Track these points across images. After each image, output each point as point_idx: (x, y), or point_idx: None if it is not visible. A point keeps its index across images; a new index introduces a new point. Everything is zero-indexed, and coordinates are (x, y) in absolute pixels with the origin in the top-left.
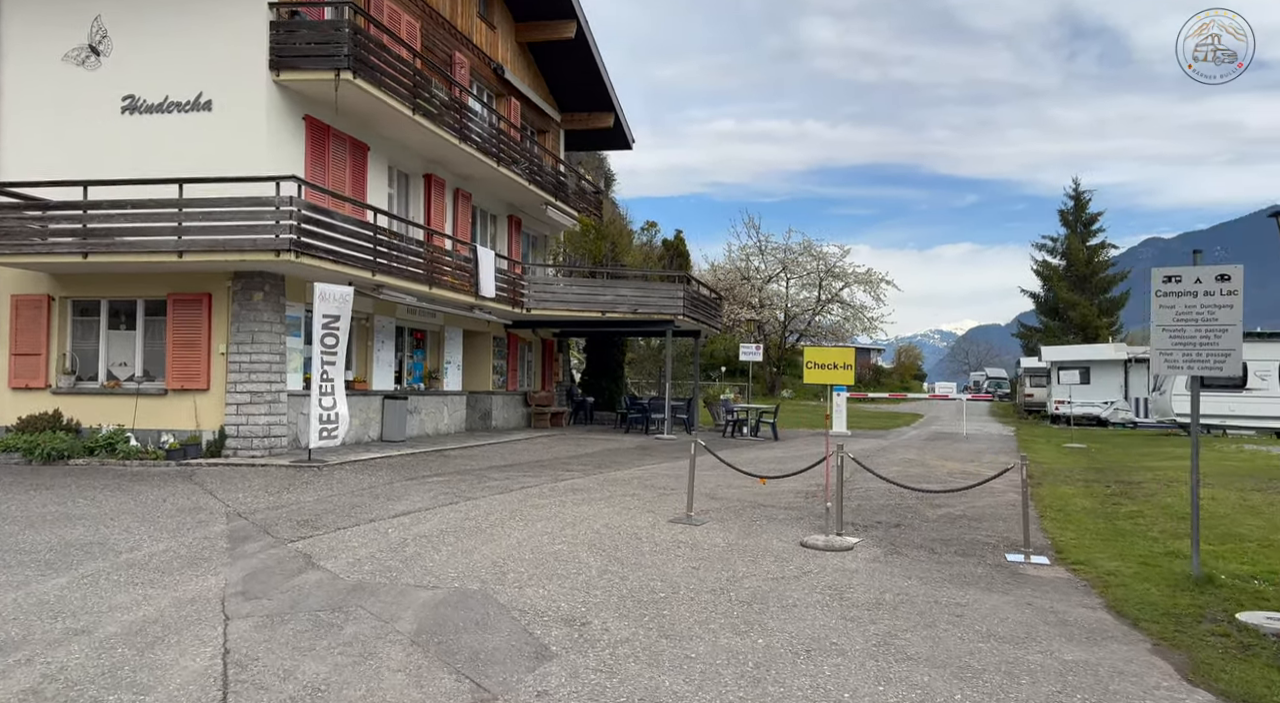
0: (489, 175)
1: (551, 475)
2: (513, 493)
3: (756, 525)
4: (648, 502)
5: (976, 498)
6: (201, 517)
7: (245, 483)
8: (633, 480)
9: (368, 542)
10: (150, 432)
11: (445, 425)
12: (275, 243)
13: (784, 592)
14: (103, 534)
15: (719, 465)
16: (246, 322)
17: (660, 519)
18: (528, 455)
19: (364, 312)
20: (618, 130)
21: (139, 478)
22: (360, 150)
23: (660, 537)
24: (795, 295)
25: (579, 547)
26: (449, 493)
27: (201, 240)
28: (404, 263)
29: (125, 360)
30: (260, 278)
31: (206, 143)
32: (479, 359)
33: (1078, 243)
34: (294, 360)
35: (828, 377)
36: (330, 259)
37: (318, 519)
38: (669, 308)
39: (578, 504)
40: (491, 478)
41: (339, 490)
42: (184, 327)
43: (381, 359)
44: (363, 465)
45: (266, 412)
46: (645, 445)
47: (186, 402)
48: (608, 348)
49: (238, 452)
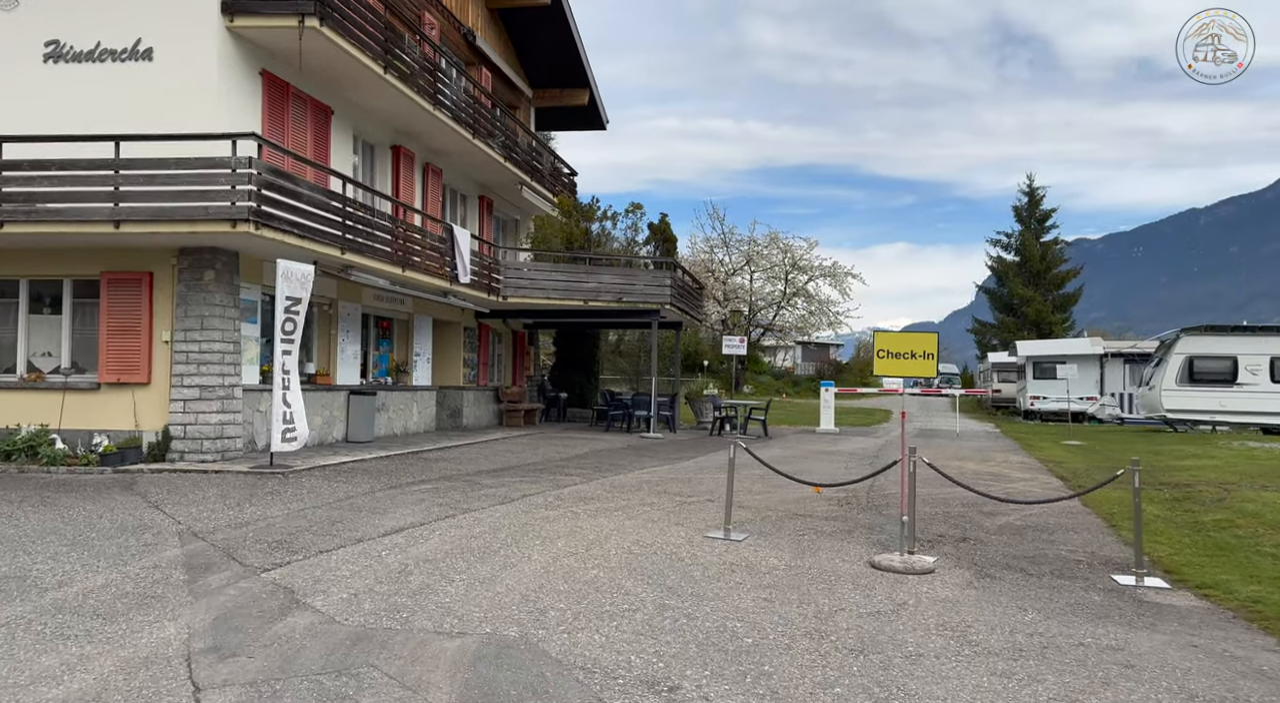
0: (462, 149)
1: (550, 481)
2: (514, 503)
3: (806, 541)
4: (669, 512)
5: (1027, 504)
6: (148, 538)
7: (198, 493)
8: (641, 486)
9: (361, 569)
10: (80, 433)
11: (414, 424)
12: (231, 212)
13: (895, 634)
14: (22, 564)
15: (725, 467)
16: (195, 305)
17: (694, 534)
18: (514, 458)
19: (327, 296)
20: (592, 108)
21: (67, 488)
22: (323, 114)
23: (705, 557)
24: (760, 289)
25: (618, 572)
26: (442, 504)
27: (143, 209)
28: (374, 240)
29: (50, 350)
30: (211, 254)
31: (146, 98)
32: (449, 352)
33: (1032, 239)
34: (249, 350)
35: (904, 368)
36: (295, 233)
37: (293, 540)
38: (655, 297)
39: (593, 516)
40: (485, 485)
41: (311, 502)
42: (121, 310)
43: (346, 351)
44: (333, 471)
45: (219, 409)
46: (635, 446)
47: (124, 398)
48: (580, 341)
49: (185, 455)
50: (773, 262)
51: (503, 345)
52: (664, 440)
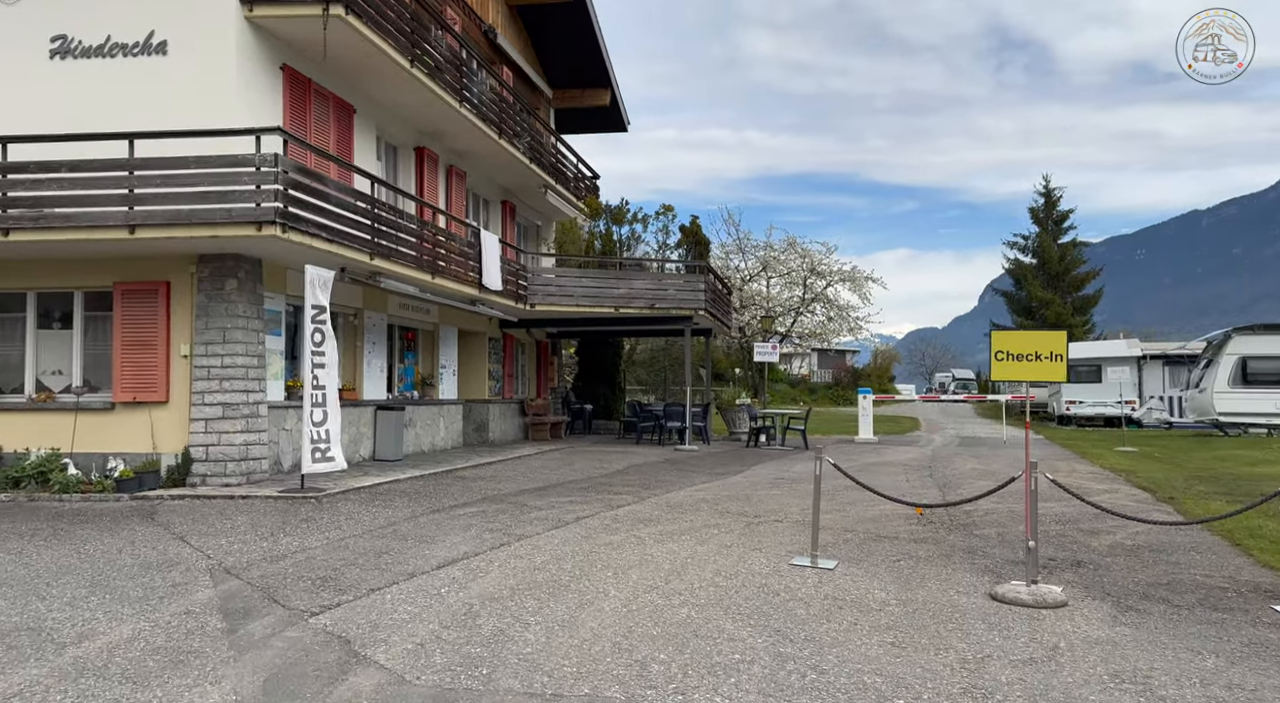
0: (487, 151)
1: (600, 501)
2: (569, 527)
3: (905, 569)
4: (740, 535)
5: (1112, 519)
6: (176, 577)
7: (225, 522)
8: (699, 506)
9: (421, 611)
10: (94, 456)
11: (441, 440)
12: (256, 213)
13: (1068, 689)
14: (36, 613)
15: (779, 483)
16: (216, 316)
17: (777, 561)
18: (553, 476)
19: (352, 306)
20: (614, 109)
21: (82, 519)
22: (346, 112)
23: (801, 590)
24: (777, 295)
25: (711, 611)
26: (493, 530)
27: (160, 212)
28: (403, 245)
29: (60, 368)
30: (233, 261)
31: (160, 96)
32: (474, 363)
33: (1049, 241)
34: (273, 364)
35: (1027, 372)
36: (323, 237)
37: (338, 576)
38: (689, 302)
39: (660, 541)
40: (533, 507)
41: (351, 530)
42: (136, 324)
43: (372, 363)
44: (369, 494)
45: (243, 429)
46: (673, 460)
47: (140, 418)
48: (603, 350)
49: (207, 479)
50: (790, 267)
51: (526, 356)
52: (700, 454)
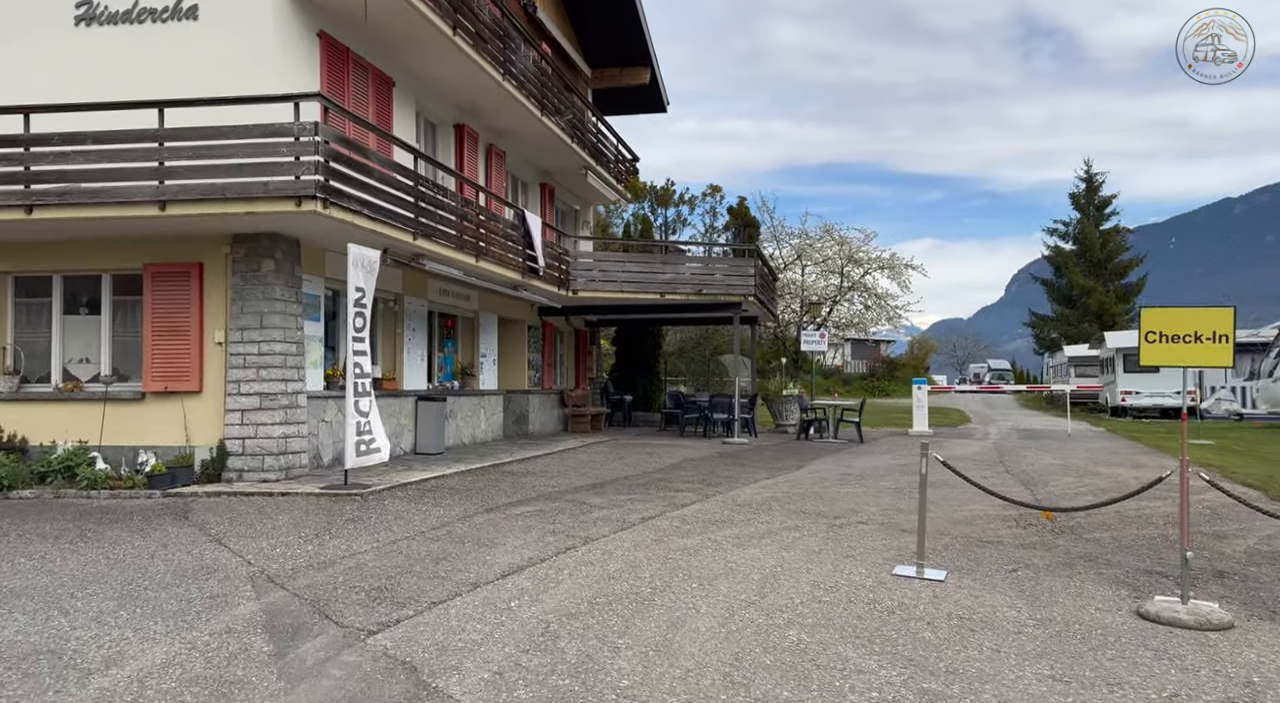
0: (528, 129)
1: (663, 500)
2: (636, 529)
3: (1026, 581)
4: (824, 538)
5: (1236, 520)
6: (215, 586)
7: (265, 523)
8: (769, 504)
9: (492, 629)
10: (124, 450)
11: (482, 432)
12: (295, 187)
13: None
14: (58, 630)
15: (848, 479)
16: (252, 300)
17: (877, 570)
18: (605, 471)
19: (391, 291)
20: (653, 88)
21: (111, 517)
22: (385, 85)
23: (918, 607)
24: (812, 284)
25: (824, 633)
26: (555, 532)
27: (192, 186)
28: (447, 225)
29: (88, 355)
30: (270, 241)
31: (190, 65)
32: (514, 353)
33: (1091, 227)
34: (312, 352)
35: (1186, 356)
36: (365, 214)
37: (395, 586)
38: (738, 288)
39: (740, 546)
40: (593, 506)
41: (402, 531)
42: (167, 308)
43: (413, 352)
44: (416, 491)
45: (281, 420)
46: (725, 454)
47: (172, 408)
48: (641, 339)
49: (243, 474)
50: (825, 255)
51: (564, 345)
52: (751, 447)
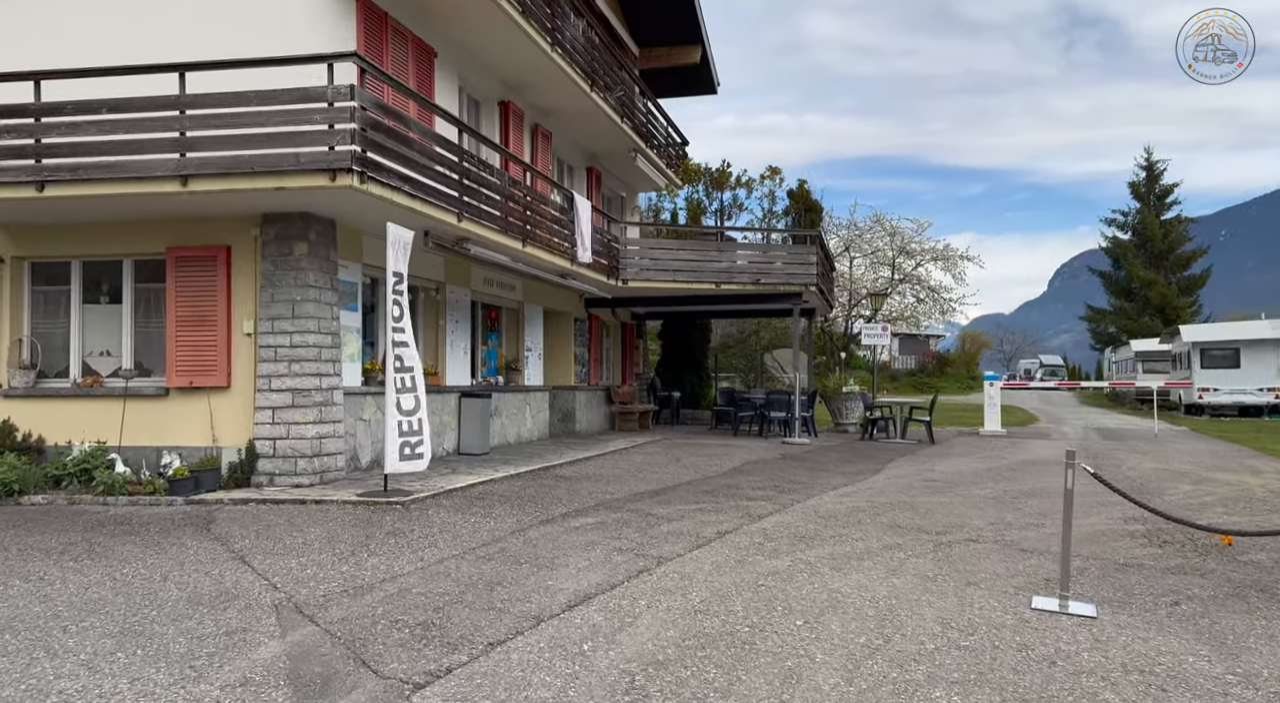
0: (576, 107)
1: (735, 510)
2: (714, 546)
3: (1194, 616)
4: (935, 560)
5: None
6: (233, 619)
7: (296, 536)
8: (857, 516)
9: (566, 684)
10: (145, 450)
11: (528, 431)
12: (329, 158)
13: None
14: (39, 680)
15: (931, 484)
16: (284, 287)
17: (1013, 603)
18: (664, 475)
19: (433, 278)
20: (704, 68)
21: (126, 528)
22: (426, 56)
23: (1083, 656)
24: (861, 277)
25: (981, 694)
26: (623, 550)
27: (216, 159)
28: (492, 206)
29: (109, 348)
30: (303, 222)
31: (213, 28)
32: (560, 346)
33: (1152, 217)
34: (349, 344)
35: None
36: (406, 191)
37: (444, 620)
38: (799, 277)
39: (838, 569)
40: (659, 517)
41: (449, 548)
42: (192, 296)
43: (455, 345)
44: (462, 499)
45: (316, 418)
46: (789, 455)
47: (197, 406)
48: (689, 333)
49: (274, 479)
50: (875, 246)
51: (611, 339)
52: (813, 447)
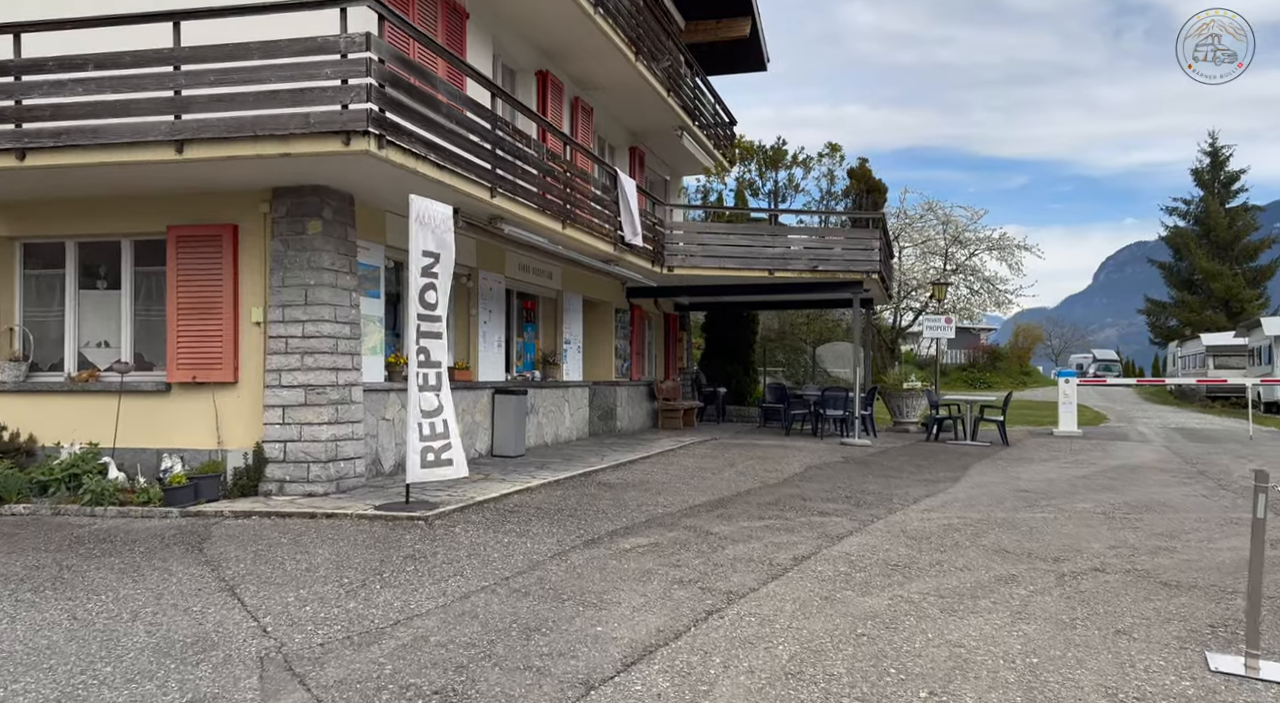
0: (619, 78)
1: (808, 527)
2: (791, 576)
3: None
4: (1063, 597)
5: None
6: (202, 681)
7: (299, 559)
8: (953, 537)
9: None
10: (144, 453)
11: (566, 430)
12: (342, 119)
13: None
14: None
15: (1025, 496)
16: (295, 269)
17: (1183, 661)
18: (720, 481)
19: (466, 264)
20: (753, 42)
21: (107, 548)
22: (458, 17)
23: None
24: (911, 267)
25: None
26: (684, 581)
27: (214, 121)
28: (529, 181)
29: (108, 338)
30: (316, 196)
31: None
32: (600, 338)
33: (1216, 205)
34: (371, 335)
35: None
36: (432, 159)
37: (468, 688)
38: (859, 264)
39: (951, 611)
40: (721, 536)
41: (476, 578)
42: (195, 280)
43: (489, 336)
44: (495, 512)
45: (331, 418)
46: (852, 458)
47: (202, 403)
48: (735, 325)
49: (285, 486)
50: (926, 235)
51: (653, 331)
52: (875, 450)
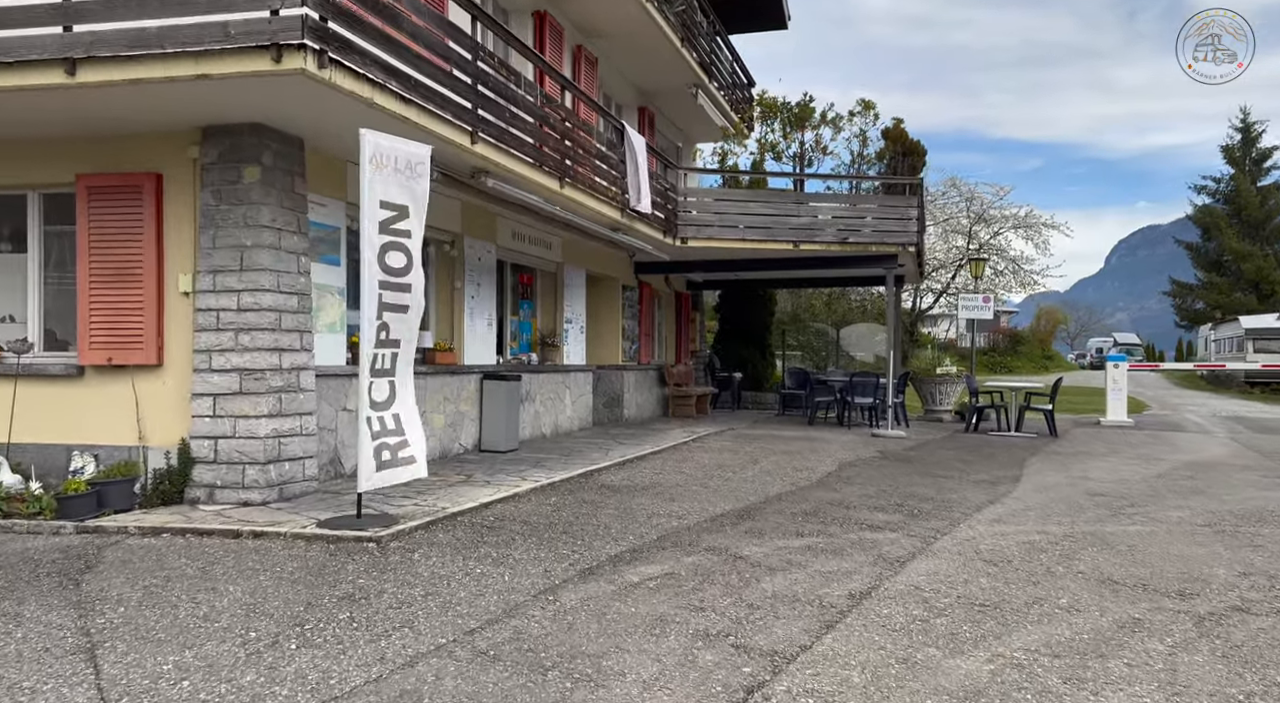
0: (627, 24)
1: (858, 547)
2: (849, 624)
3: None
4: (1214, 655)
5: None
6: None
7: (201, 601)
8: (1040, 560)
9: None
10: (50, 450)
11: (566, 420)
12: (271, 28)
13: None
14: None
15: (1101, 501)
16: (229, 227)
17: None
18: (743, 482)
19: (448, 229)
20: None
21: None
22: None
23: None
24: (932, 247)
25: None
26: (710, 635)
27: (111, 33)
28: (520, 128)
29: (12, 312)
30: (254, 137)
31: None
32: (606, 317)
33: (1247, 183)
34: (328, 309)
35: None
36: (392, 89)
37: None
38: (894, 236)
39: (1074, 681)
40: (753, 562)
41: (431, 633)
42: (110, 241)
43: (477, 314)
44: (468, 529)
45: (272, 409)
46: (888, 453)
47: (120, 390)
48: (751, 305)
49: (215, 492)
50: (949, 213)
51: (663, 311)
52: (911, 442)
